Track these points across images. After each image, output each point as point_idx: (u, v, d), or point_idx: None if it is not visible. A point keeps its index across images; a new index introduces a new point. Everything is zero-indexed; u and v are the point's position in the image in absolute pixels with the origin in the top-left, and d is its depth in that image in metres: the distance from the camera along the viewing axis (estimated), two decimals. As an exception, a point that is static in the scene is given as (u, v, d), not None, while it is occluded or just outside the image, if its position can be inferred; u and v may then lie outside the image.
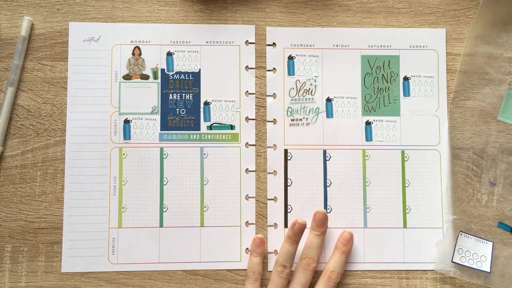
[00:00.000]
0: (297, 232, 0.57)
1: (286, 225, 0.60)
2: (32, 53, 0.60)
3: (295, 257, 0.57)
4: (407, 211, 0.60)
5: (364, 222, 0.60)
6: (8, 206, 0.59)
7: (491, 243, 0.58)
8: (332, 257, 0.58)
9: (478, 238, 0.59)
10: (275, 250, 0.59)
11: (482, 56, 0.61)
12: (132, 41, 0.61)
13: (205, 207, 0.60)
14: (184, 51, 0.61)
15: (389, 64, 0.61)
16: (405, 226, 0.60)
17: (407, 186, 0.60)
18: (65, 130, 0.60)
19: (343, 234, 0.58)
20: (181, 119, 0.60)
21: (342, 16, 0.62)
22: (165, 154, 0.60)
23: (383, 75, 0.61)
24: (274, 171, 0.60)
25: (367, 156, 0.61)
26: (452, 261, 0.58)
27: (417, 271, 0.59)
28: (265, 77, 0.61)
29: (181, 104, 0.61)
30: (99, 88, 0.60)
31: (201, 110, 0.61)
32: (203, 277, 0.59)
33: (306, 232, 0.59)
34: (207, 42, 0.61)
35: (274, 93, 0.61)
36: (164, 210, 0.59)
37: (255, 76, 0.61)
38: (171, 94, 0.61)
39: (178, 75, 0.61)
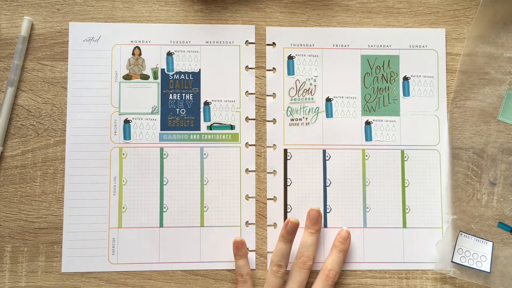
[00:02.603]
0: (290, 231, 0.57)
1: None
2: (32, 53, 0.60)
3: (290, 256, 0.57)
4: (406, 211, 0.60)
5: (364, 222, 0.60)
6: (8, 206, 0.59)
7: (491, 243, 0.58)
8: (330, 256, 0.58)
9: (478, 238, 0.59)
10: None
11: (482, 56, 0.61)
12: (132, 41, 0.61)
13: (205, 207, 0.60)
14: (184, 51, 0.61)
15: (389, 64, 0.61)
16: (404, 226, 0.60)
17: (406, 186, 0.60)
18: (65, 130, 0.60)
19: (340, 233, 0.58)
20: (181, 119, 0.61)
21: (342, 16, 0.62)
22: (165, 154, 0.60)
23: (382, 75, 0.61)
24: (274, 170, 0.60)
25: (366, 156, 0.61)
26: (452, 261, 0.58)
27: (417, 271, 0.59)
28: (265, 77, 0.61)
29: (181, 104, 0.61)
30: (99, 88, 0.60)
31: (201, 110, 0.61)
32: (203, 277, 0.59)
33: (301, 233, 0.59)
34: (207, 42, 0.61)
35: (273, 93, 0.61)
36: (164, 210, 0.59)
37: (255, 76, 0.61)
38: (171, 94, 0.61)
39: (178, 75, 0.61)
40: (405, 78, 0.61)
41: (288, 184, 0.60)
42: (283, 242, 0.57)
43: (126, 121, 0.60)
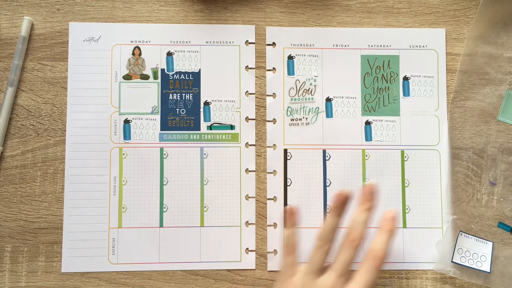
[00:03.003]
0: (340, 204, 0.52)
1: (285, 225, 0.59)
2: (32, 53, 0.60)
3: (336, 233, 0.52)
4: (406, 211, 0.60)
5: (364, 222, 0.60)
6: (8, 206, 0.59)
7: (491, 243, 0.58)
8: (376, 238, 0.51)
9: (478, 238, 0.59)
10: (275, 249, 0.59)
11: (482, 56, 0.61)
12: (132, 41, 0.61)
13: (205, 207, 0.60)
14: (184, 51, 0.61)
15: (389, 64, 0.61)
16: (404, 226, 0.60)
17: (406, 186, 0.60)
18: (65, 130, 0.60)
19: (386, 214, 0.52)
20: (181, 119, 0.61)
21: (342, 16, 0.62)
22: (165, 154, 0.60)
23: (382, 75, 0.61)
24: (274, 170, 0.60)
25: (366, 156, 0.61)
26: (452, 261, 0.58)
27: (417, 271, 0.59)
28: (265, 77, 0.61)
29: (181, 104, 0.61)
30: (99, 88, 0.60)
31: (201, 110, 0.61)
32: (203, 277, 0.59)
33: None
34: (207, 42, 0.61)
35: (273, 93, 0.61)
36: (164, 210, 0.59)
37: (255, 76, 0.61)
38: (171, 94, 0.61)
39: (178, 75, 0.61)
40: (405, 78, 0.61)
41: (288, 184, 0.60)
42: (332, 216, 0.52)
43: (126, 121, 0.60)
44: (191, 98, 0.61)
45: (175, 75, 0.61)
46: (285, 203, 0.60)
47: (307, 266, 0.51)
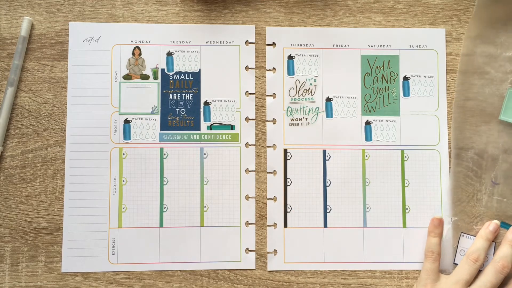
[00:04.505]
0: (493, 231, 0.58)
1: (285, 225, 0.60)
2: (32, 53, 0.60)
3: (486, 253, 0.57)
4: (406, 211, 0.60)
5: (364, 222, 0.60)
6: (8, 206, 0.59)
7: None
8: (501, 248, 0.57)
9: (478, 238, 0.59)
10: (275, 249, 0.59)
11: (481, 55, 0.61)
12: (132, 41, 0.61)
13: (205, 207, 0.60)
14: (184, 51, 0.61)
15: (389, 64, 0.61)
16: (404, 226, 0.60)
17: (406, 186, 0.60)
18: (65, 130, 0.60)
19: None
20: (181, 119, 0.61)
21: (342, 16, 0.62)
22: (165, 154, 0.60)
23: (382, 75, 0.61)
24: (274, 170, 0.60)
25: (366, 156, 0.60)
26: (454, 263, 0.58)
27: (417, 271, 0.59)
28: (265, 77, 0.61)
29: (181, 104, 0.61)
30: (99, 88, 0.60)
31: (201, 110, 0.61)
32: (203, 277, 0.59)
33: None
34: (207, 42, 0.61)
35: (273, 93, 0.61)
36: (164, 210, 0.59)
37: (255, 76, 0.61)
38: (171, 94, 0.61)
39: (178, 75, 0.61)
40: (405, 78, 0.61)
41: (288, 184, 0.60)
42: (483, 240, 0.57)
43: (126, 121, 0.60)
44: (191, 98, 0.61)
45: (175, 75, 0.61)
46: (285, 203, 0.60)
47: (456, 275, 0.56)
